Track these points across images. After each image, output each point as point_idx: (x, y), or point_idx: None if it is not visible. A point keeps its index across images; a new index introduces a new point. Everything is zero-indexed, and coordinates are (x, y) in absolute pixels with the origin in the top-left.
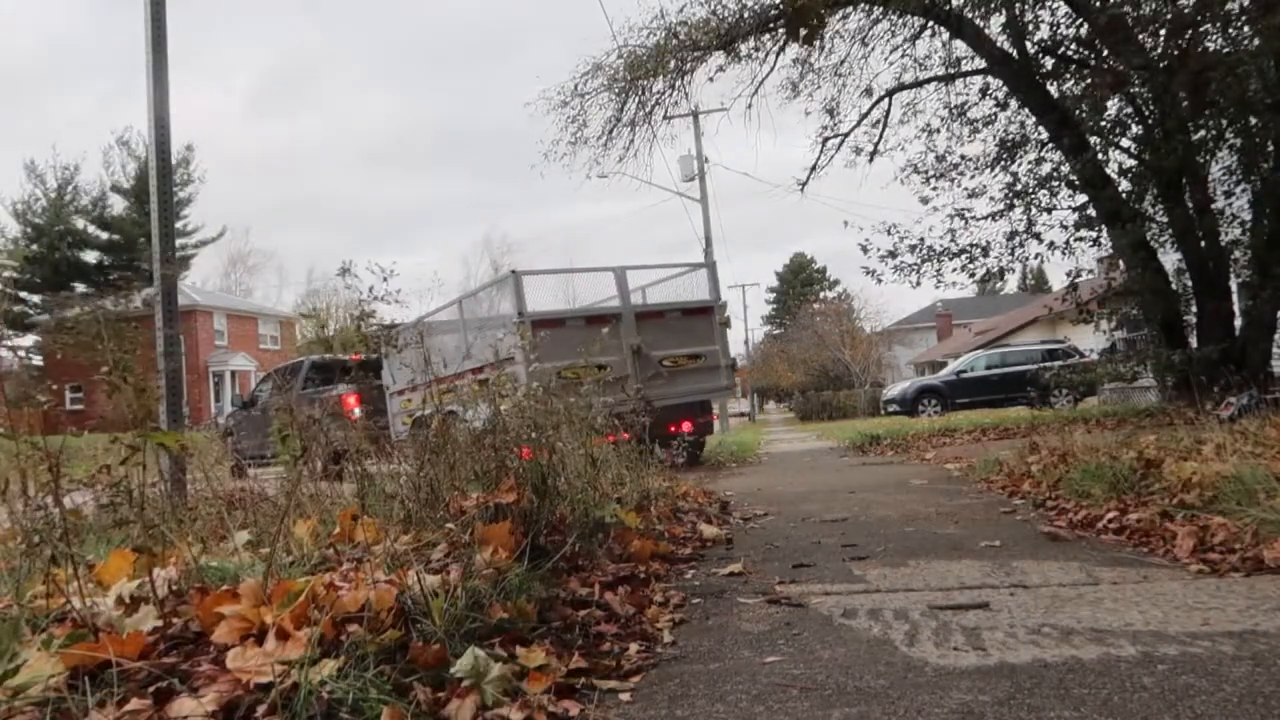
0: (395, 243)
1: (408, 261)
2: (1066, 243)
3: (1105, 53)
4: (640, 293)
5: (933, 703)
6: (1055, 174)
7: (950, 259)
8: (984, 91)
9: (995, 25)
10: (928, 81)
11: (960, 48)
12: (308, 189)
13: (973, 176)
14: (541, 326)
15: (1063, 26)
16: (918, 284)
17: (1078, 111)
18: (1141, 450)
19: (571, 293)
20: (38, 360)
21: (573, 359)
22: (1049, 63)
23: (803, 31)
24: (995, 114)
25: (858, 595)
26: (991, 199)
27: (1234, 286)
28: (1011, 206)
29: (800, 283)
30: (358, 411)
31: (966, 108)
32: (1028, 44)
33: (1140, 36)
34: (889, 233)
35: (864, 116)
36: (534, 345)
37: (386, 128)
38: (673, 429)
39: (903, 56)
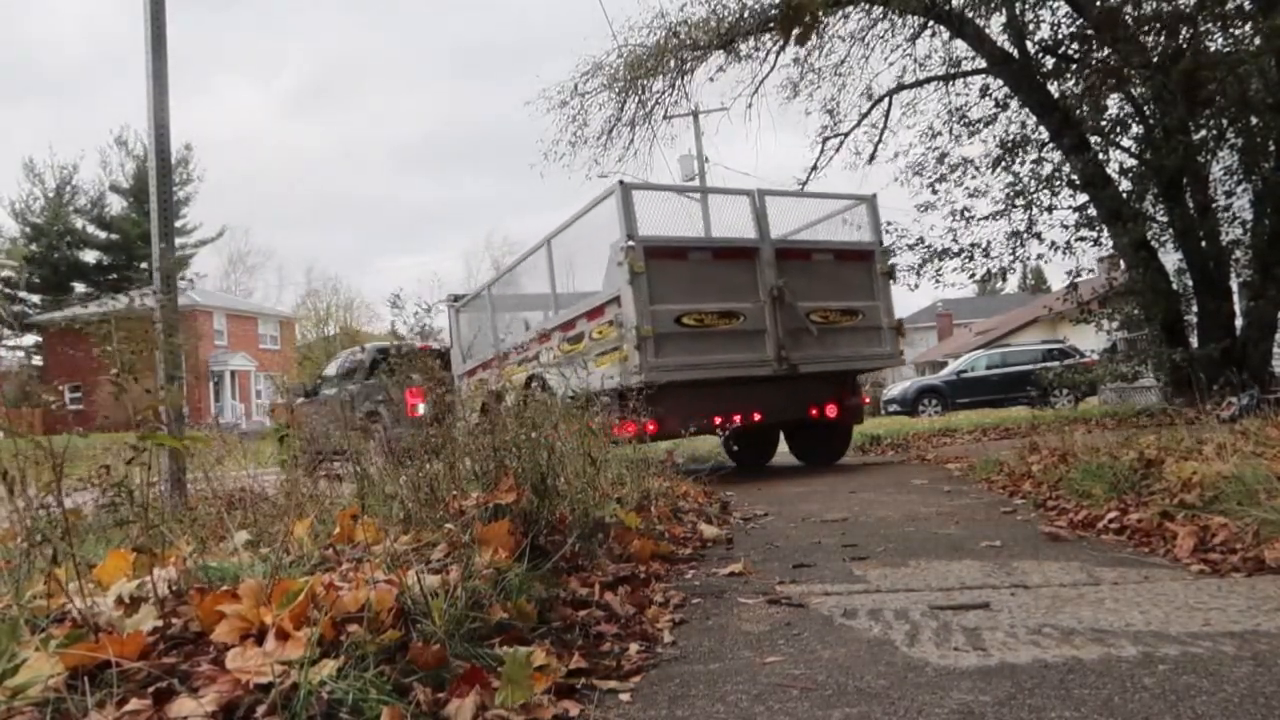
0: (396, 243)
1: (408, 261)
2: (1067, 243)
3: (1105, 51)
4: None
5: (933, 703)
6: (1056, 174)
7: (951, 258)
8: (984, 91)
9: (995, 25)
10: (928, 81)
11: (960, 48)
12: (307, 189)
13: (974, 177)
14: (657, 256)
15: (1063, 26)
16: (916, 287)
17: (1078, 111)
18: (1142, 450)
19: (694, 221)
20: (38, 360)
21: (696, 302)
22: (1049, 62)
23: (796, 31)
24: (996, 114)
25: (858, 595)
26: (993, 199)
27: (1235, 286)
28: (1013, 206)
29: None
30: (422, 408)
31: (967, 108)
32: (1028, 43)
33: (1139, 35)
34: (889, 234)
35: (864, 116)
36: (647, 278)
37: (387, 128)
38: (814, 412)
39: (903, 56)
